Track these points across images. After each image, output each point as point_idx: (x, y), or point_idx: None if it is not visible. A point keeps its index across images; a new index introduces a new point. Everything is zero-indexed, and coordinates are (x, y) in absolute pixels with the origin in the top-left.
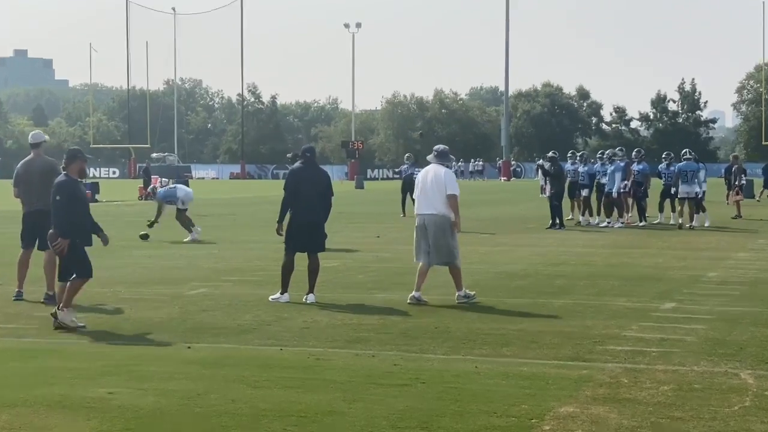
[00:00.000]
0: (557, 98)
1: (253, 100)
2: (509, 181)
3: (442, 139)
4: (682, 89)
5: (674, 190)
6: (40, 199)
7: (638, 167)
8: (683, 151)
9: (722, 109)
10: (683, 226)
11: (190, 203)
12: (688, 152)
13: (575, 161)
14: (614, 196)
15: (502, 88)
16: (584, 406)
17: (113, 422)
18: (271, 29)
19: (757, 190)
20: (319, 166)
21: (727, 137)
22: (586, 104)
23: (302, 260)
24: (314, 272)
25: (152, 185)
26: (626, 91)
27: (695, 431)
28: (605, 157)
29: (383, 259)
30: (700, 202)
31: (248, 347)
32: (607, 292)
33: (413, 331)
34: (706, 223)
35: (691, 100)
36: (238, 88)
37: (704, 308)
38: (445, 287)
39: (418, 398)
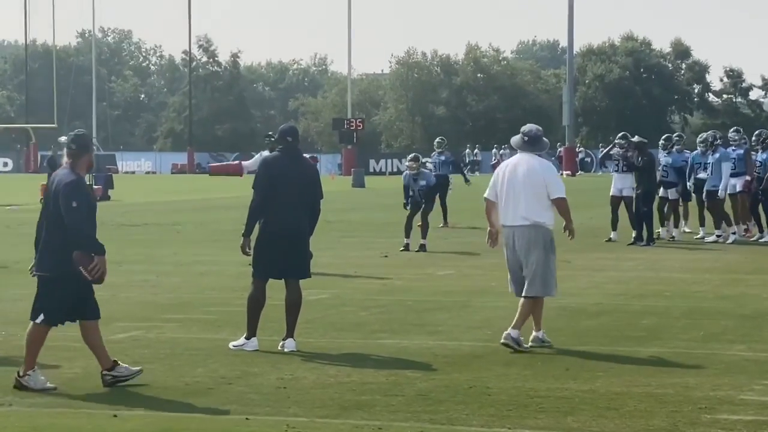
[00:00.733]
0: (644, 58)
1: (205, 59)
2: (574, 176)
3: (476, 115)
4: None
5: None
6: None
7: (761, 156)
8: None
9: None
10: None
11: None
12: None
13: (670, 149)
14: (720, 196)
15: (563, 43)
16: None
17: None
18: None
19: None
20: (303, 155)
21: None
22: (685, 66)
23: (277, 290)
24: (295, 308)
25: None
26: (743, 48)
27: None
28: (706, 141)
29: (394, 288)
30: None
31: (200, 416)
32: (716, 336)
33: (437, 392)
34: None
35: None
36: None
37: None
38: (482, 326)
39: None
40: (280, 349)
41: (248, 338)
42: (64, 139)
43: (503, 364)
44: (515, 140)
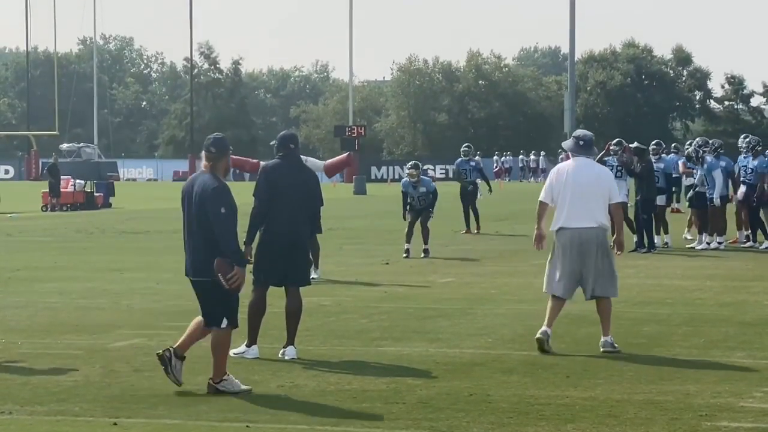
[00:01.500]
0: (645, 64)
1: (207, 67)
2: None
3: (478, 122)
4: None
5: None
6: None
7: (752, 163)
8: None
9: None
10: None
11: None
12: None
13: (659, 155)
14: (716, 203)
15: (565, 49)
16: None
17: None
18: None
19: None
20: (303, 162)
21: None
22: (686, 73)
23: (278, 298)
24: (295, 315)
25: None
26: (745, 54)
27: None
28: (693, 148)
29: (395, 295)
30: None
31: (200, 423)
32: (717, 343)
33: (438, 399)
34: None
35: None
36: (185, 49)
37: None
38: (483, 334)
39: None
40: (280, 356)
41: (249, 346)
42: (66, 146)
43: (504, 371)
44: (570, 144)
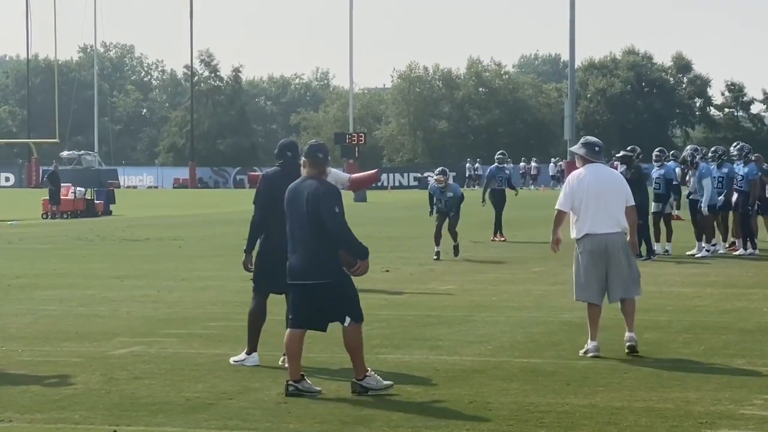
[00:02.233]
0: (645, 72)
1: (207, 74)
2: None
3: (478, 129)
4: None
5: None
6: None
7: (743, 170)
8: None
9: None
10: None
11: None
12: None
13: (662, 162)
14: (704, 211)
15: (565, 57)
16: None
17: None
18: None
19: None
20: (302, 169)
21: None
22: (686, 80)
23: (278, 305)
24: None
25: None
26: (744, 61)
27: None
28: (689, 152)
29: (395, 303)
30: None
31: (200, 431)
32: (717, 350)
33: (437, 407)
34: None
35: None
36: (185, 57)
37: None
38: (483, 341)
39: None
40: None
41: (249, 353)
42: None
43: (504, 378)
44: (585, 151)
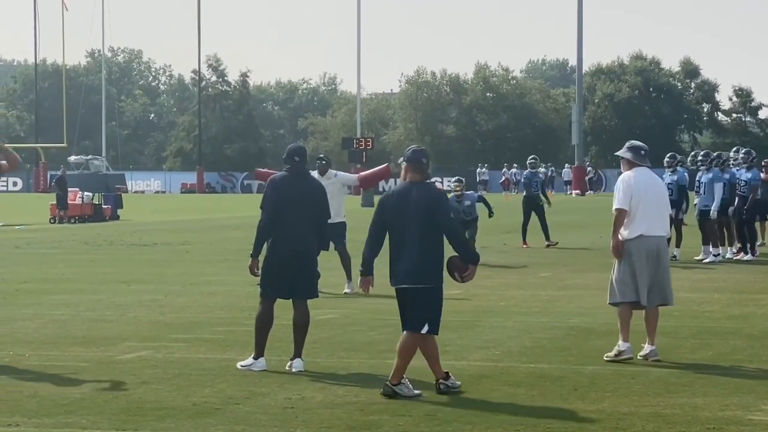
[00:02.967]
0: (653, 77)
1: (214, 79)
2: (583, 195)
3: (486, 134)
4: None
5: None
6: None
7: (746, 175)
8: None
9: None
10: None
11: None
12: None
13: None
14: (712, 216)
15: (573, 62)
16: None
17: None
18: None
19: None
20: (311, 175)
21: None
22: (694, 85)
23: (285, 310)
24: (302, 328)
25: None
26: (752, 67)
27: None
28: (698, 159)
29: None
30: None
31: None
32: (725, 356)
33: (444, 412)
34: None
35: None
36: (193, 62)
37: None
38: (490, 346)
39: None
40: (287, 369)
41: (256, 358)
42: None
43: (511, 384)
44: (634, 155)
